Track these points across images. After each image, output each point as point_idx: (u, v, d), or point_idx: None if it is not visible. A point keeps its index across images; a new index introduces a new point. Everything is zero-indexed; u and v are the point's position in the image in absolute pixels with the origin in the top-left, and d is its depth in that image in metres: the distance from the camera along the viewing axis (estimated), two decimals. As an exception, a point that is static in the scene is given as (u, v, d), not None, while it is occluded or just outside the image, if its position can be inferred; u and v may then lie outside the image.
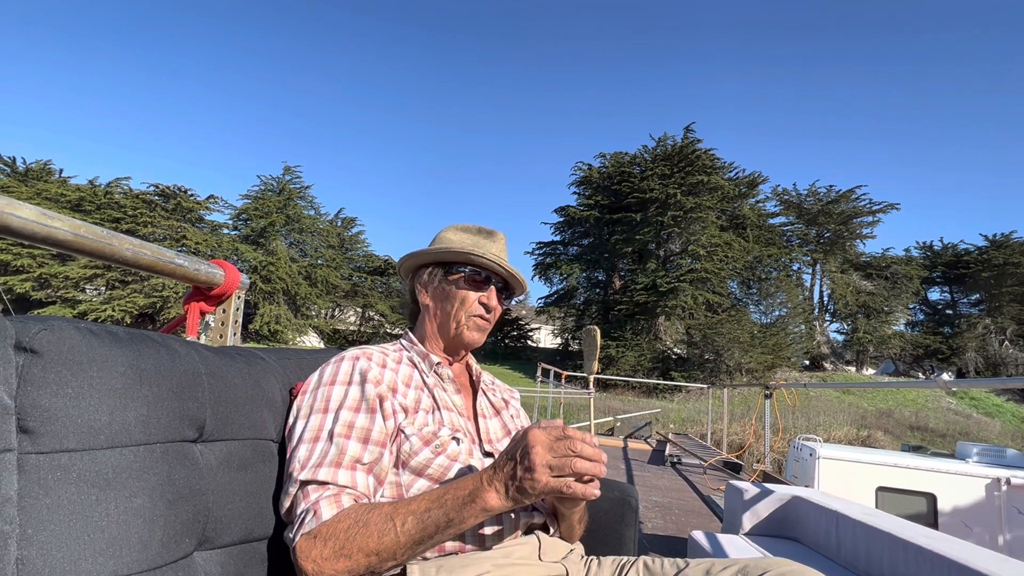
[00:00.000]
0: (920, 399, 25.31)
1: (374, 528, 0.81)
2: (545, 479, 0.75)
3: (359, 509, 0.84)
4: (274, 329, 29.79)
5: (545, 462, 0.75)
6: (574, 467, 0.75)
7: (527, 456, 0.76)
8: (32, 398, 0.62)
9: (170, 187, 29.65)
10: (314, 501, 0.86)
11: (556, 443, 0.76)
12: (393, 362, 1.08)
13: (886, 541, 1.95)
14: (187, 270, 1.30)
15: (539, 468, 0.75)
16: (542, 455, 0.75)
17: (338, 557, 0.80)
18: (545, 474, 0.75)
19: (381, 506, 0.84)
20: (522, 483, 0.76)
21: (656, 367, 28.04)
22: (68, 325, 0.68)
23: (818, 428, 16.66)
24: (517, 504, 0.79)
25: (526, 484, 0.76)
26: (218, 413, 0.85)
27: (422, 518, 0.80)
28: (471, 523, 0.80)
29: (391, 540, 0.80)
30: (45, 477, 0.61)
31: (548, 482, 0.75)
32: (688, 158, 30.38)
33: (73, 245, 0.99)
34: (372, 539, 0.80)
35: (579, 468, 0.75)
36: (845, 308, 34.02)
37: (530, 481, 0.75)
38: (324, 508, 0.85)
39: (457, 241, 1.16)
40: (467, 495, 0.79)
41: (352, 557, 0.80)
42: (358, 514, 0.83)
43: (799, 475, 5.40)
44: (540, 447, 0.75)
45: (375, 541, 0.80)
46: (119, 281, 27.14)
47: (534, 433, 0.77)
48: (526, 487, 0.76)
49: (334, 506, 0.85)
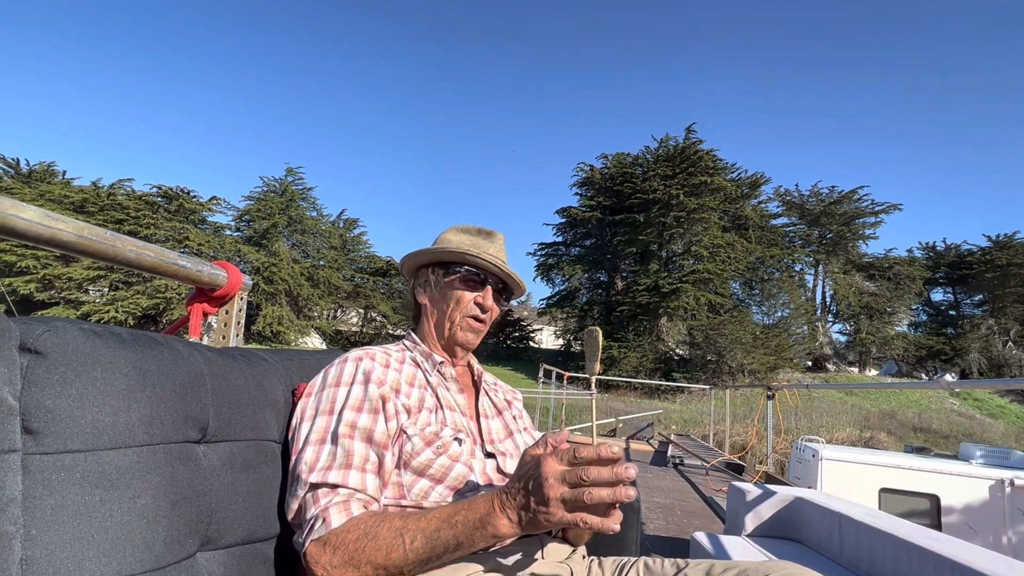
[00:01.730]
0: (923, 400, 25.24)
1: (383, 543, 0.81)
2: (560, 514, 0.73)
3: (369, 520, 0.84)
4: (276, 330, 29.82)
5: (559, 495, 0.72)
6: (588, 499, 0.71)
7: (540, 490, 0.73)
8: (36, 399, 0.62)
9: (173, 188, 29.72)
10: (324, 507, 0.86)
11: (568, 473, 0.72)
12: (396, 362, 1.08)
13: (889, 542, 1.94)
14: (190, 271, 1.30)
15: (553, 503, 0.73)
16: (555, 488, 0.72)
17: (347, 567, 0.81)
18: (559, 508, 0.73)
19: (392, 519, 0.84)
20: (536, 516, 0.75)
21: (658, 368, 28.00)
22: (72, 326, 0.69)
23: (821, 429, 16.63)
24: (529, 532, 0.78)
25: (540, 518, 0.74)
26: (221, 414, 0.86)
27: (432, 538, 0.80)
28: (480, 546, 0.80)
29: (399, 556, 0.80)
30: (49, 478, 0.61)
31: (563, 517, 0.73)
32: (690, 159, 30.36)
33: (77, 247, 1.00)
34: (381, 553, 0.81)
35: (596, 498, 0.71)
36: (848, 309, 33.95)
37: (544, 515, 0.74)
38: (334, 515, 0.85)
39: (456, 241, 1.16)
40: (478, 519, 0.79)
41: (360, 568, 0.81)
42: (368, 526, 0.83)
43: (801, 476, 5.38)
44: (552, 479, 0.73)
45: (383, 556, 0.81)
46: (122, 282, 27.21)
47: (547, 464, 0.74)
48: (540, 520, 0.74)
49: (343, 513, 0.86)
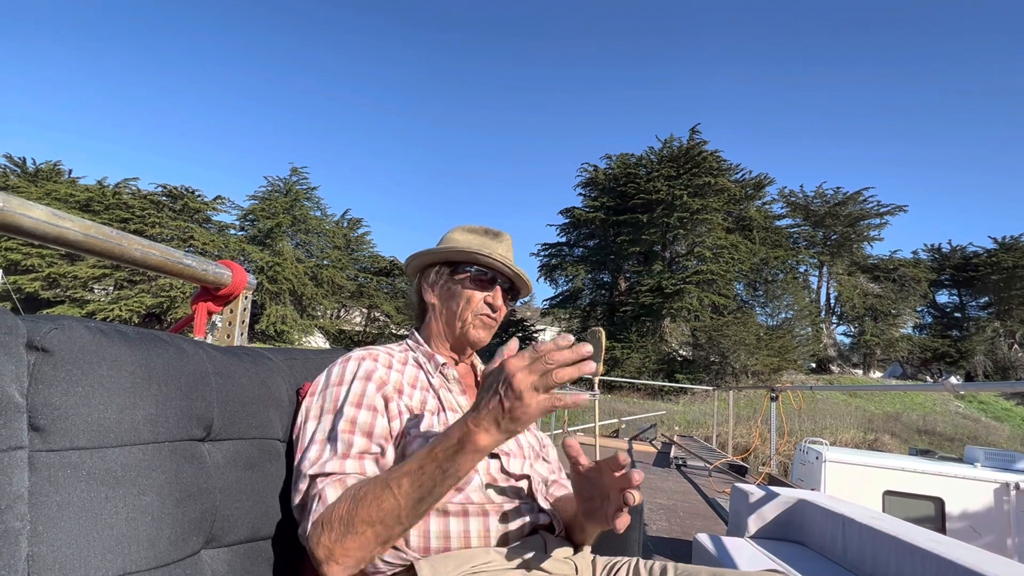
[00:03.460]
0: (928, 403, 25.12)
1: (372, 498, 0.81)
2: (535, 401, 0.74)
3: (355, 486, 0.85)
4: (280, 329, 29.89)
5: (529, 384, 0.73)
6: (557, 378, 0.73)
7: (510, 386, 0.74)
8: (43, 396, 0.63)
9: (178, 188, 29.83)
10: (320, 488, 0.88)
11: (533, 364, 0.74)
12: (399, 363, 1.09)
13: (893, 545, 1.94)
14: (195, 270, 1.31)
15: (526, 393, 0.74)
16: (525, 379, 0.74)
17: (344, 536, 0.81)
18: (533, 397, 0.74)
19: (375, 478, 0.85)
20: (513, 412, 0.75)
21: (661, 369, 27.95)
22: (79, 324, 0.69)
23: (824, 431, 16.58)
24: (510, 436, 0.78)
25: (518, 412, 0.74)
26: (225, 412, 0.86)
27: (417, 476, 0.80)
28: (467, 468, 0.79)
29: (391, 505, 0.80)
30: (55, 475, 0.62)
31: (540, 402, 0.74)
32: (694, 159, 30.29)
33: (83, 245, 1.00)
34: (372, 508, 0.81)
35: (564, 376, 0.74)
36: (852, 311, 33.81)
37: (521, 408, 0.74)
38: (329, 492, 0.86)
39: (464, 241, 1.16)
40: (457, 443, 0.78)
41: (357, 531, 0.81)
42: (355, 490, 0.84)
43: (805, 478, 5.37)
44: (520, 373, 0.74)
45: (376, 510, 0.81)
46: (127, 281, 27.32)
47: (510, 362, 0.75)
48: (518, 415, 0.75)
49: (338, 488, 0.87)
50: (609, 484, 0.90)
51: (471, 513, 0.96)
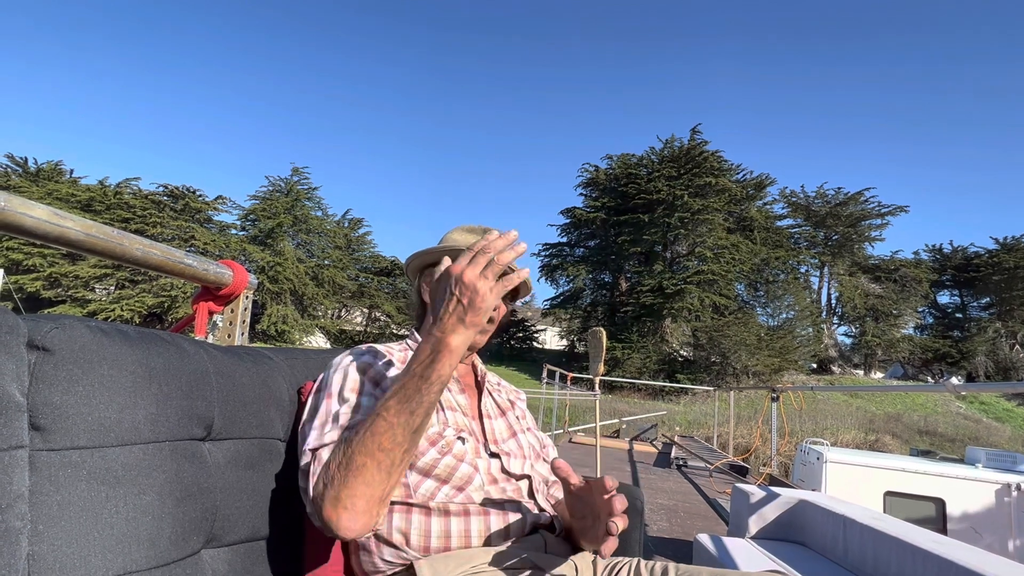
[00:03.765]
0: (929, 403, 25.11)
1: (363, 429, 0.82)
2: (487, 287, 0.79)
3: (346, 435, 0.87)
4: (281, 329, 29.92)
5: (478, 274, 0.78)
6: (500, 260, 0.79)
7: (461, 282, 0.79)
8: (44, 395, 0.63)
9: (179, 188, 29.88)
10: (319, 453, 0.88)
11: (475, 258, 0.79)
12: (398, 361, 1.09)
13: (894, 546, 1.93)
14: (196, 270, 1.31)
15: (478, 282, 0.78)
16: (472, 272, 0.79)
17: (346, 478, 0.81)
18: (485, 285, 0.79)
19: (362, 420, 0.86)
20: (473, 303, 0.79)
21: (662, 369, 27.94)
22: (80, 324, 0.69)
23: (825, 432, 16.58)
24: (477, 329, 0.82)
25: (477, 302, 0.79)
26: (226, 412, 0.86)
27: (401, 394, 0.81)
28: (447, 372, 0.82)
29: (383, 426, 0.81)
30: (56, 474, 0.62)
31: (493, 288, 0.79)
32: (695, 160, 30.29)
33: (85, 245, 1.00)
34: (367, 438, 0.81)
35: (505, 259, 0.79)
36: (853, 311, 33.78)
37: (478, 297, 0.79)
38: (325, 453, 0.87)
39: (462, 241, 1.17)
40: (429, 354, 0.81)
41: (357, 464, 0.81)
42: (347, 435, 0.86)
43: (806, 479, 5.36)
44: (467, 269, 0.79)
45: (370, 438, 0.81)
46: (128, 280, 27.36)
47: (453, 266, 0.81)
48: (478, 304, 0.79)
49: None
50: (599, 505, 0.90)
51: (472, 513, 0.96)
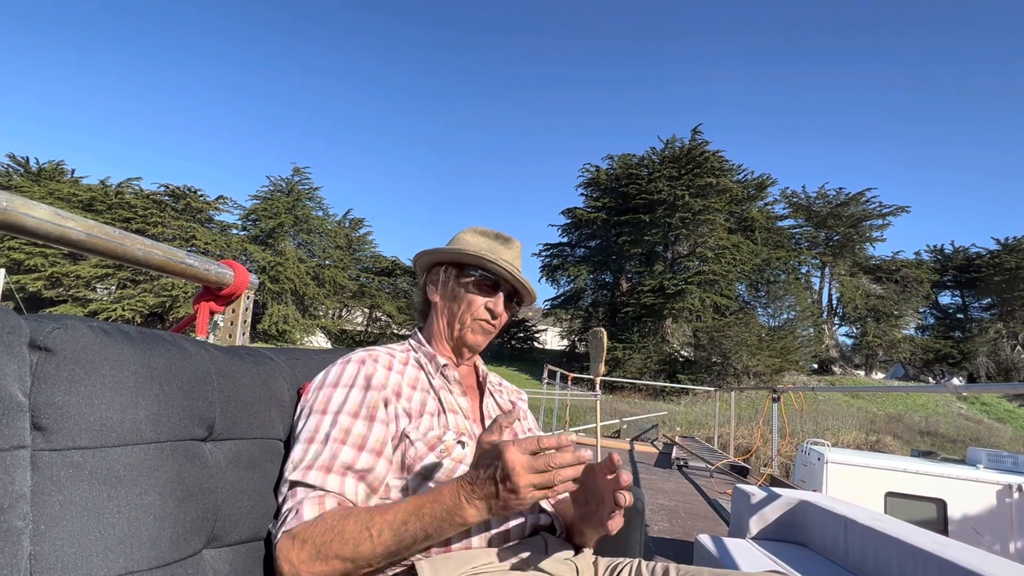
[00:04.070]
0: (930, 404, 25.07)
1: (350, 536, 0.82)
2: (530, 496, 0.77)
3: (336, 515, 0.86)
4: (282, 329, 29.94)
5: (528, 482, 0.76)
6: (557, 479, 0.76)
7: (509, 479, 0.76)
8: (46, 396, 0.63)
9: (180, 187, 29.90)
10: (299, 500, 0.88)
11: (535, 461, 0.76)
12: (400, 363, 1.09)
13: (895, 547, 1.93)
14: (197, 270, 1.31)
15: (523, 489, 0.76)
16: (524, 477, 0.76)
17: (314, 560, 0.82)
18: (529, 492, 0.77)
19: (359, 512, 0.85)
20: (508, 503, 0.78)
21: (663, 370, 27.92)
22: (81, 324, 0.69)
23: (826, 432, 16.55)
24: (496, 517, 0.82)
25: (512, 504, 0.78)
26: (227, 412, 0.86)
27: (399, 531, 0.82)
28: (448, 535, 0.83)
29: (367, 550, 0.82)
30: (58, 474, 0.62)
31: (534, 496, 0.77)
32: (696, 160, 30.26)
33: (86, 245, 1.01)
34: (348, 547, 0.82)
35: (564, 477, 0.77)
36: (854, 311, 33.73)
37: (516, 501, 0.77)
38: (307, 509, 0.87)
39: (473, 244, 1.16)
40: (445, 512, 0.81)
41: (328, 562, 0.82)
42: (335, 520, 0.84)
43: (807, 479, 5.35)
44: (520, 469, 0.76)
45: (351, 549, 0.82)
46: (130, 280, 27.38)
47: (511, 454, 0.76)
48: (512, 506, 0.78)
49: (316, 508, 0.87)
50: (603, 487, 0.90)
51: (472, 514, 0.96)
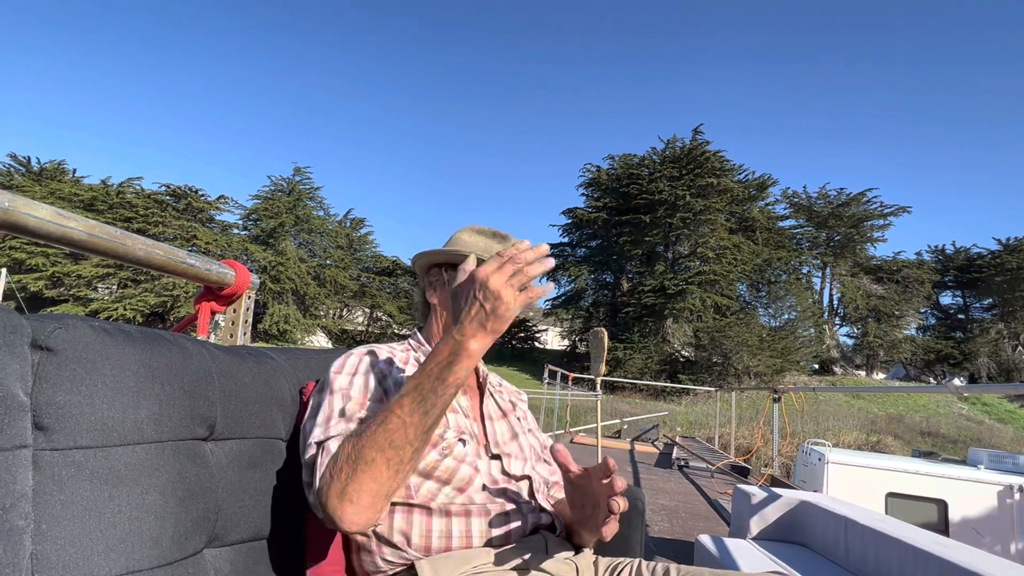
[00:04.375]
0: (931, 404, 25.04)
1: (376, 425, 0.81)
2: (514, 297, 0.78)
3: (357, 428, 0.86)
4: (283, 329, 29.96)
5: (505, 282, 0.78)
6: (528, 272, 0.78)
7: (487, 288, 0.78)
8: (47, 395, 0.63)
9: (181, 187, 29.93)
10: (326, 445, 0.87)
11: (503, 266, 0.78)
12: (400, 362, 1.09)
13: (896, 547, 1.93)
14: (199, 270, 1.31)
15: (504, 291, 0.78)
16: (500, 279, 0.78)
17: (355, 471, 0.80)
18: (512, 293, 0.78)
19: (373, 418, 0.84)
20: (496, 311, 0.78)
21: (664, 370, 27.91)
22: (83, 324, 0.69)
23: (827, 433, 16.53)
24: (496, 336, 0.81)
25: (500, 310, 0.78)
26: (228, 412, 0.86)
27: (416, 393, 0.81)
28: (464, 376, 0.81)
29: (396, 424, 0.80)
30: (59, 474, 0.62)
31: (518, 298, 0.79)
32: (697, 160, 30.25)
33: (88, 245, 1.01)
34: (379, 433, 0.81)
35: (533, 272, 0.78)
36: (855, 312, 33.70)
37: (503, 305, 0.78)
38: (333, 444, 0.87)
39: (470, 243, 1.16)
40: (447, 355, 0.80)
41: (366, 459, 0.80)
42: (358, 429, 0.85)
43: (808, 480, 5.35)
44: (495, 275, 0.78)
45: (382, 433, 0.80)
46: (131, 280, 27.41)
47: (481, 270, 0.79)
48: (501, 313, 0.78)
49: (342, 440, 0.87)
50: (599, 491, 0.90)
51: (473, 513, 0.96)
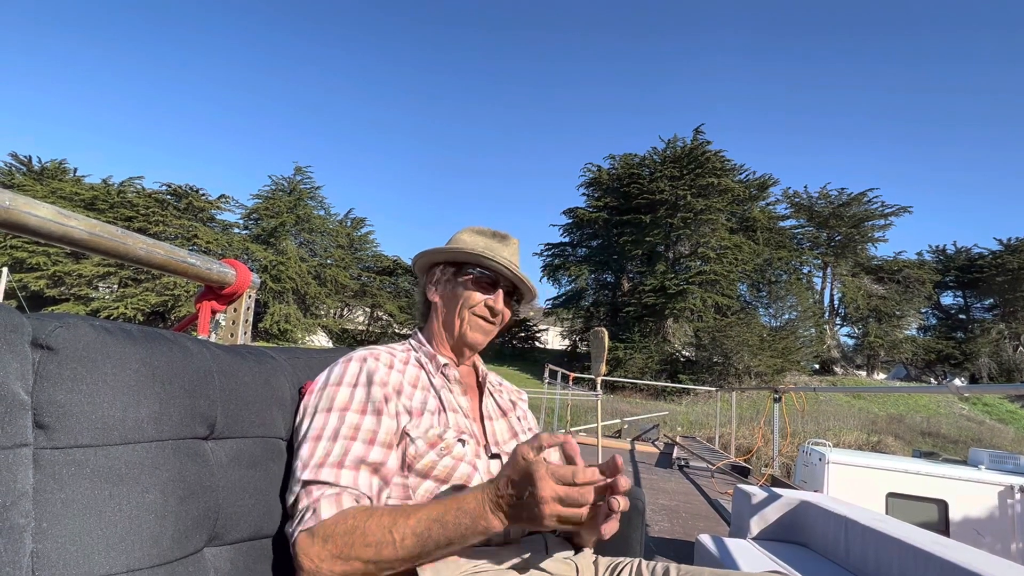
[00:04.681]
0: (932, 404, 25.02)
1: (372, 539, 0.82)
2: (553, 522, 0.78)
3: (359, 514, 0.85)
4: (283, 328, 29.98)
5: (553, 513, 0.76)
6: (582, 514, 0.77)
7: (537, 506, 0.76)
8: (48, 394, 0.63)
9: (182, 187, 29.95)
10: (315, 498, 0.87)
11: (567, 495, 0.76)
12: (400, 363, 1.09)
13: (896, 547, 1.93)
14: (200, 269, 1.31)
15: (547, 519, 0.77)
16: (551, 507, 0.76)
17: (335, 560, 0.82)
18: (552, 523, 0.78)
19: (381, 515, 0.85)
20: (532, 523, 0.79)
21: (664, 369, 27.90)
22: (83, 323, 0.69)
23: (828, 433, 16.51)
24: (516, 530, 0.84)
25: (532, 526, 0.81)
26: (229, 411, 0.86)
27: (422, 537, 0.82)
28: (471, 542, 0.83)
29: (389, 553, 0.82)
30: (60, 472, 0.62)
31: (553, 527, 0.80)
32: (698, 160, 30.23)
33: (89, 244, 1.01)
34: (370, 549, 0.82)
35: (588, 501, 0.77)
36: (856, 312, 33.68)
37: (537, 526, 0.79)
38: (324, 507, 0.86)
39: (470, 243, 1.17)
40: (469, 520, 0.81)
41: (349, 562, 0.82)
42: (357, 520, 0.84)
43: (808, 480, 5.35)
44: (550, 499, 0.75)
45: (373, 551, 0.82)
46: (131, 279, 27.43)
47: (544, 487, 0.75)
48: (531, 527, 0.81)
49: (334, 506, 0.86)
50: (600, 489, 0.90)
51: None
